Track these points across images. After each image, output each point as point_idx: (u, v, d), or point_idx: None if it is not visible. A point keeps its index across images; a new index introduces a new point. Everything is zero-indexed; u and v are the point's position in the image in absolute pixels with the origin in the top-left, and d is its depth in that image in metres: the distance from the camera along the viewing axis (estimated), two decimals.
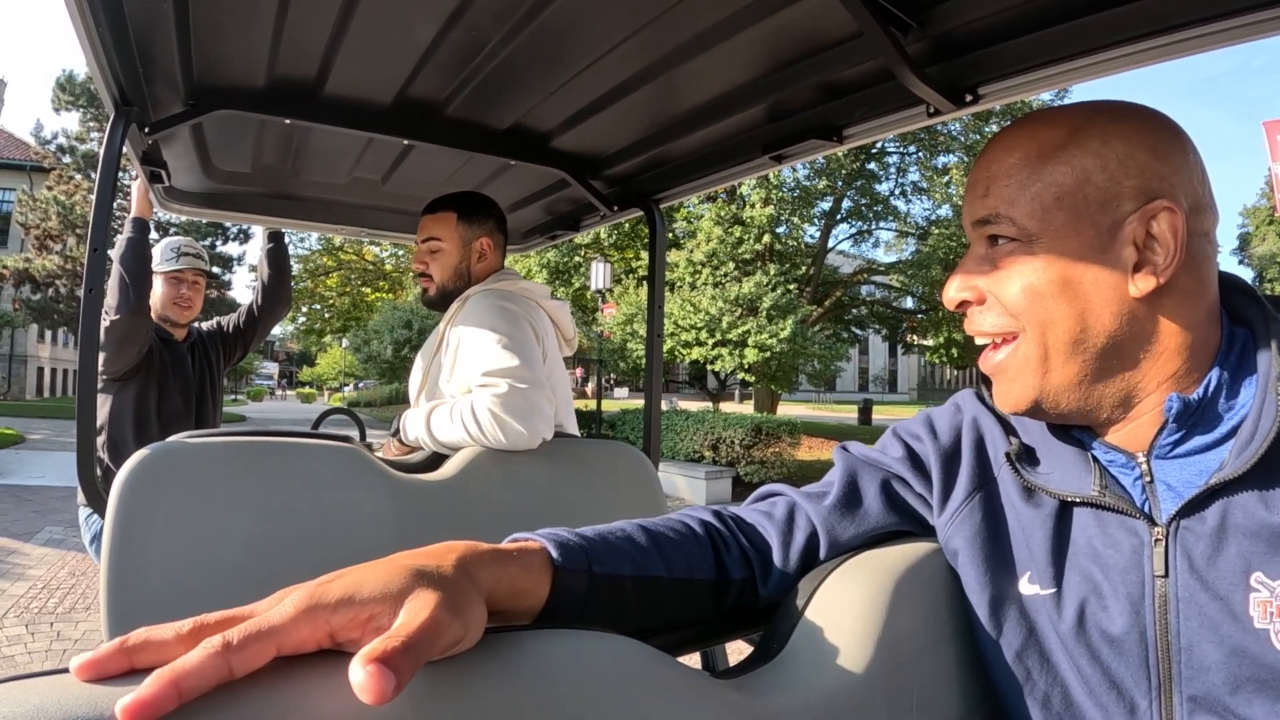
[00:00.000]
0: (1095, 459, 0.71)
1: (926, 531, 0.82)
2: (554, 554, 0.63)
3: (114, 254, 2.18)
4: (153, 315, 2.48)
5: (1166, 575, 0.64)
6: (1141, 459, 0.69)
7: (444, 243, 1.88)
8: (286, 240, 2.92)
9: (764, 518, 0.83)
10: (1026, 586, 0.72)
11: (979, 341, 0.75)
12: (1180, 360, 0.67)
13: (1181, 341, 0.67)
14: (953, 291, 0.75)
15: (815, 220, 19.58)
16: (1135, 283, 0.66)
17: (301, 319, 35.88)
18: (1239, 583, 0.61)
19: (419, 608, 0.45)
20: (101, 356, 2.18)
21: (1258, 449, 0.61)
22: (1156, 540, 0.65)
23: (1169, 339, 0.67)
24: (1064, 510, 0.72)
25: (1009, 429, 0.79)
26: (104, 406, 2.40)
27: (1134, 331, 0.67)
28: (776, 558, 0.79)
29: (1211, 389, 0.66)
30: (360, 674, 0.39)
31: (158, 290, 2.53)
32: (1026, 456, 0.76)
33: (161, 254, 2.52)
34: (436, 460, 1.63)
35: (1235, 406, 0.66)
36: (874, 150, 18.53)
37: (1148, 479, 0.68)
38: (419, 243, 1.92)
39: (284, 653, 0.42)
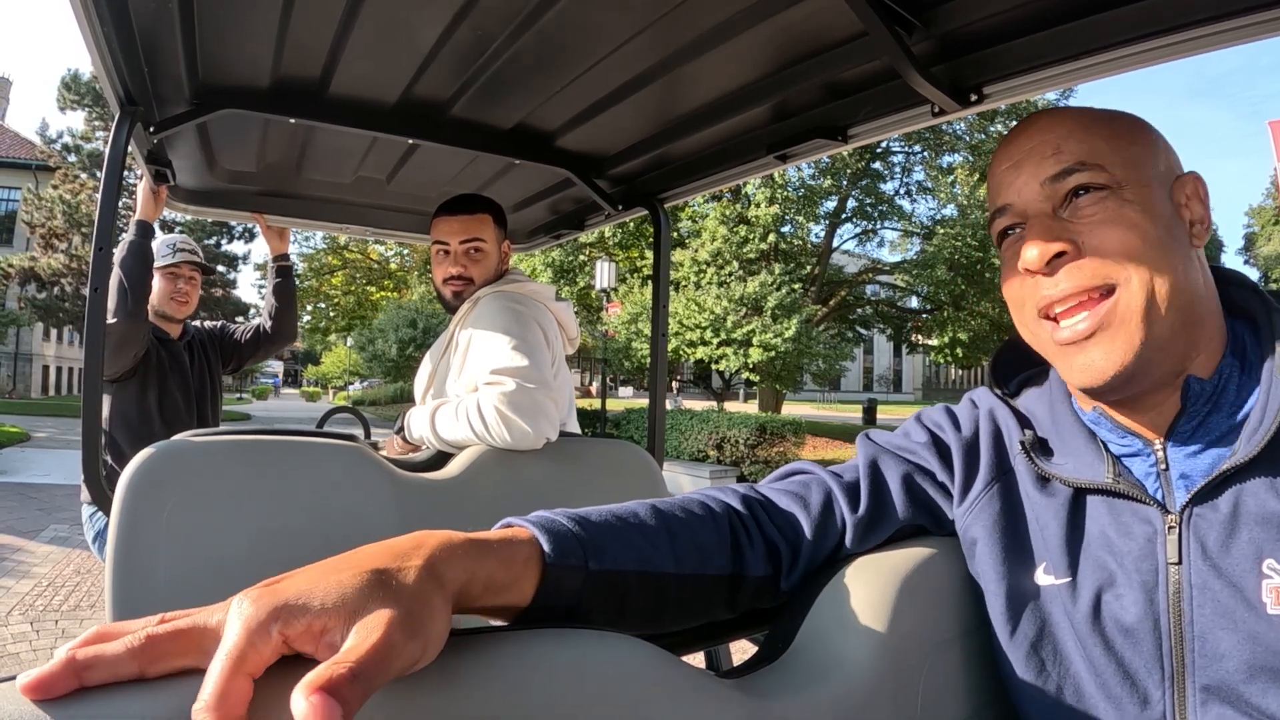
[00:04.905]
0: (1107, 448, 0.72)
1: (941, 528, 0.82)
2: (545, 547, 0.58)
3: (115, 257, 2.19)
4: (151, 312, 2.49)
5: (1180, 562, 0.64)
6: (1158, 446, 0.69)
7: (487, 244, 1.86)
8: (295, 274, 2.94)
9: (797, 504, 0.78)
10: (1042, 577, 0.72)
11: (1056, 309, 0.68)
12: (1214, 333, 0.68)
13: (1212, 309, 0.69)
14: (1042, 246, 0.67)
15: (820, 219, 19.59)
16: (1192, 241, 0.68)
17: (306, 318, 35.92)
18: (1252, 569, 0.61)
19: (371, 628, 0.41)
20: None
21: (1266, 433, 0.61)
22: (1170, 527, 0.65)
23: (1209, 302, 0.68)
24: (1077, 499, 0.72)
25: (1024, 421, 0.79)
26: (104, 407, 2.40)
27: (1202, 292, 0.68)
28: (806, 552, 0.76)
29: (1225, 375, 0.67)
30: (303, 704, 0.35)
31: (155, 285, 2.53)
32: (1041, 447, 0.76)
33: (158, 250, 2.53)
34: (441, 459, 1.63)
35: (1244, 395, 0.66)
36: (879, 150, 18.52)
37: (1163, 466, 0.68)
38: (455, 244, 1.84)
39: (255, 678, 0.39)
